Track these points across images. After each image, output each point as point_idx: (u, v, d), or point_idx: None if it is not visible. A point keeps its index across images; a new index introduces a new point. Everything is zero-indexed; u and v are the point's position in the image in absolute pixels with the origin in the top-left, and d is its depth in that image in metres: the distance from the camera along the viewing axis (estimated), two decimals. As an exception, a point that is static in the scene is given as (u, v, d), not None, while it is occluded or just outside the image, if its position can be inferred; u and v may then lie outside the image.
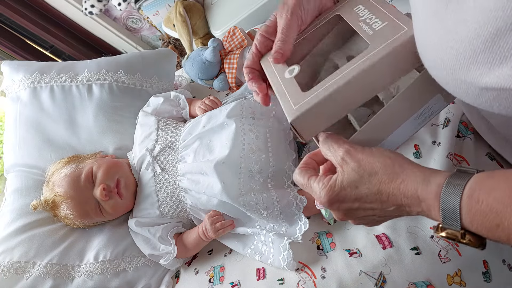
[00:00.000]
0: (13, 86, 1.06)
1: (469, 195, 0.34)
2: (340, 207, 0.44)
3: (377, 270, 0.63)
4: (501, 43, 0.26)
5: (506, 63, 0.27)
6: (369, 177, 0.41)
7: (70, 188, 0.84)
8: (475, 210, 0.33)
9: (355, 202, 0.43)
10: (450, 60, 0.32)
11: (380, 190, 0.40)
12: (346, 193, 0.43)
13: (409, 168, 0.40)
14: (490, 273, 0.61)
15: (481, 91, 0.30)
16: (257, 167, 0.79)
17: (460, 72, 0.31)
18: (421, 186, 0.38)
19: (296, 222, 0.75)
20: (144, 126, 0.95)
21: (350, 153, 0.43)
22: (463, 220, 0.35)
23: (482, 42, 0.27)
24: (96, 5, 1.71)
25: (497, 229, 0.32)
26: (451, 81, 0.33)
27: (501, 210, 0.31)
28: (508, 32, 0.25)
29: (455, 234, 0.36)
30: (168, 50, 1.20)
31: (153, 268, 0.90)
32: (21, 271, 0.84)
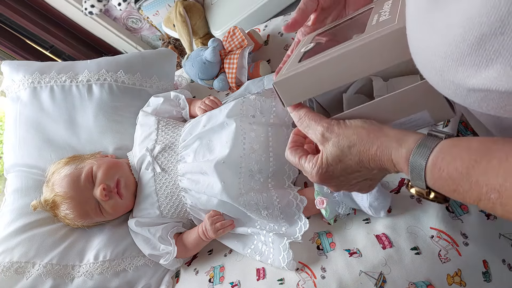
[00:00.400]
0: (13, 86, 1.06)
1: (433, 163, 0.38)
2: (332, 182, 0.49)
3: (377, 270, 0.63)
4: (487, 46, 0.27)
5: (492, 65, 0.28)
6: (349, 149, 0.45)
7: (70, 188, 0.84)
8: (437, 176, 0.38)
9: (343, 173, 0.47)
10: (439, 62, 0.33)
11: (361, 159, 0.45)
12: (333, 168, 0.47)
13: (383, 135, 0.44)
14: (490, 273, 0.61)
15: (468, 92, 0.31)
16: (257, 166, 0.79)
17: (448, 73, 0.32)
18: (394, 152, 0.42)
19: (296, 222, 0.75)
20: (144, 126, 0.95)
21: (328, 129, 0.46)
22: (427, 182, 0.40)
23: (468, 46, 0.28)
24: (96, 5, 1.71)
25: (454, 193, 0.37)
26: (441, 82, 0.35)
27: (457, 178, 0.36)
28: (493, 36, 0.26)
29: (422, 192, 0.42)
30: (168, 50, 1.20)
31: (153, 268, 0.90)
32: (21, 271, 0.84)
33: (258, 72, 1.05)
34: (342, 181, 0.49)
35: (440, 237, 0.63)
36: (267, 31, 1.17)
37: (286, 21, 1.14)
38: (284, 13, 1.21)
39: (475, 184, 0.34)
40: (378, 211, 0.67)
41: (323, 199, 0.71)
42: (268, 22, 1.21)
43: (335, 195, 0.72)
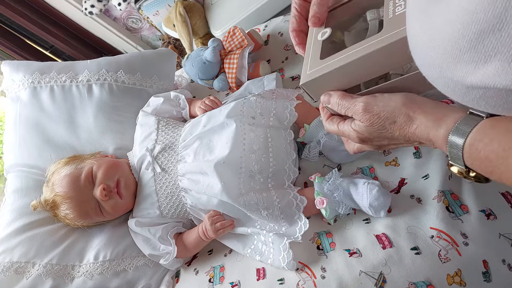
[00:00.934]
0: (13, 86, 1.06)
1: (470, 144, 0.39)
2: (370, 143, 0.53)
3: (377, 270, 0.63)
4: (485, 42, 0.27)
5: (491, 62, 0.28)
6: (390, 125, 0.48)
7: (70, 188, 0.84)
8: (474, 156, 0.39)
9: (384, 140, 0.51)
10: (438, 59, 0.33)
11: (401, 133, 0.47)
12: (373, 136, 0.51)
13: (422, 113, 0.45)
14: (490, 273, 0.61)
15: (467, 90, 0.31)
16: (257, 167, 0.79)
17: (447, 70, 0.32)
18: (432, 131, 0.44)
19: (296, 222, 0.75)
20: (144, 126, 0.95)
21: (369, 104, 0.49)
22: (465, 162, 0.41)
23: (467, 42, 0.28)
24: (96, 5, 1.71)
25: (491, 174, 0.39)
26: (440, 79, 0.35)
27: (494, 160, 0.37)
28: (491, 33, 0.26)
29: (462, 171, 0.43)
30: (168, 50, 1.20)
31: (153, 268, 0.90)
32: (21, 271, 0.84)
33: (258, 72, 1.05)
34: (381, 144, 0.53)
35: (440, 237, 0.63)
36: (267, 31, 1.17)
37: (286, 21, 1.14)
38: (284, 13, 1.21)
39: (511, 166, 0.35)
40: (378, 211, 0.67)
41: (323, 199, 0.71)
42: (268, 22, 1.21)
43: (335, 195, 0.72)
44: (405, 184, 0.71)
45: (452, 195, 0.67)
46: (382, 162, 0.76)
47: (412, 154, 0.73)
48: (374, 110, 0.48)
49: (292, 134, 0.84)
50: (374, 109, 0.48)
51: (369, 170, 0.77)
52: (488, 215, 0.65)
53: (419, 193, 0.69)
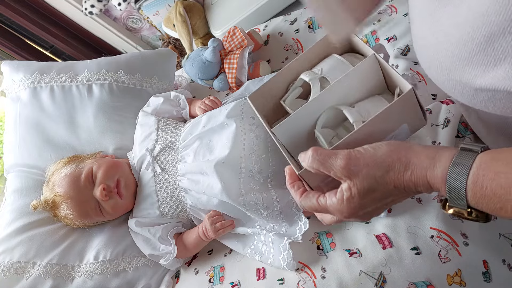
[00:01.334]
0: (13, 86, 1.06)
1: (473, 181, 0.35)
2: (360, 214, 0.44)
3: (377, 270, 0.63)
4: (495, 45, 0.27)
5: (500, 65, 0.27)
6: (382, 178, 0.41)
7: (70, 188, 0.84)
8: (479, 194, 0.35)
9: (376, 203, 0.43)
10: (445, 61, 0.32)
11: (396, 185, 0.41)
12: (366, 201, 0.42)
13: (414, 155, 0.40)
14: (490, 273, 0.61)
15: (476, 92, 0.31)
16: (257, 167, 0.79)
17: (455, 73, 0.32)
18: (429, 172, 0.39)
19: (296, 222, 0.75)
20: (144, 126, 0.95)
21: (352, 160, 0.42)
22: (469, 201, 0.36)
23: (476, 45, 0.28)
24: (96, 5, 1.71)
25: (500, 211, 0.35)
26: (447, 82, 0.34)
27: (504, 195, 0.33)
28: (502, 35, 0.26)
29: (462, 212, 0.38)
30: (168, 50, 1.20)
31: (153, 268, 0.90)
32: (21, 271, 0.84)
33: (258, 72, 1.05)
34: (372, 210, 0.44)
35: (440, 237, 0.63)
36: (267, 31, 1.17)
37: (286, 21, 1.14)
38: (284, 13, 1.21)
39: None
40: (378, 211, 0.67)
41: (323, 199, 0.71)
42: (268, 22, 1.21)
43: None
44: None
45: (452, 195, 0.67)
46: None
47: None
48: (360, 162, 0.42)
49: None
50: (360, 160, 0.42)
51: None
52: (488, 215, 0.65)
53: (419, 193, 0.69)
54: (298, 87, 0.65)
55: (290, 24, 1.11)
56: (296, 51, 1.07)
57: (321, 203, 0.45)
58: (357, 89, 0.57)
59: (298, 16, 1.11)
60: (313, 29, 1.06)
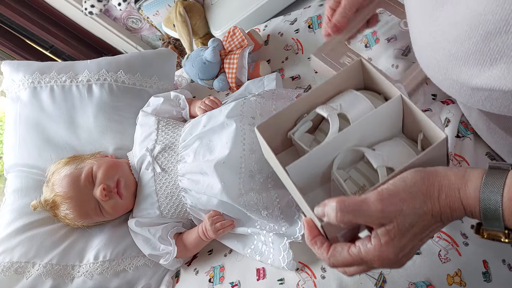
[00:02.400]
0: (13, 86, 1.06)
1: (509, 198, 0.33)
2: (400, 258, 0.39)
3: (377, 270, 0.63)
4: (491, 45, 0.27)
5: (496, 64, 0.27)
6: (420, 209, 0.38)
7: (70, 188, 0.84)
8: None
9: (415, 240, 0.39)
10: (443, 61, 0.32)
11: (433, 215, 0.38)
12: (406, 240, 0.38)
13: (443, 177, 0.38)
14: (490, 273, 0.61)
15: (473, 91, 0.31)
16: (257, 167, 0.79)
17: (452, 72, 0.32)
18: (462, 193, 0.36)
19: (296, 222, 0.75)
20: (144, 126, 0.95)
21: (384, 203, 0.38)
22: (505, 221, 0.34)
23: (473, 44, 0.28)
24: (96, 5, 1.71)
25: None
26: (445, 81, 0.34)
27: None
28: (498, 34, 0.26)
29: (498, 235, 0.36)
30: (168, 50, 1.20)
31: (153, 268, 0.90)
32: (21, 271, 0.84)
33: (258, 72, 1.05)
34: (409, 250, 0.40)
35: (440, 237, 0.63)
36: (267, 31, 1.17)
37: (286, 21, 1.14)
38: (284, 13, 1.21)
39: None
40: (378, 211, 0.67)
41: (323, 199, 0.71)
42: (268, 22, 1.21)
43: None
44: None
45: (452, 195, 0.67)
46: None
47: (412, 154, 0.73)
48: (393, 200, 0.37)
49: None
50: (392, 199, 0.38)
51: (369, 170, 0.77)
52: (488, 215, 0.65)
53: (419, 193, 0.69)
54: (309, 121, 0.59)
55: (290, 24, 1.11)
56: (296, 51, 1.07)
57: (353, 254, 0.40)
58: (376, 130, 0.52)
59: (298, 16, 1.11)
60: (313, 29, 1.06)
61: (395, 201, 0.38)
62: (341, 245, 0.41)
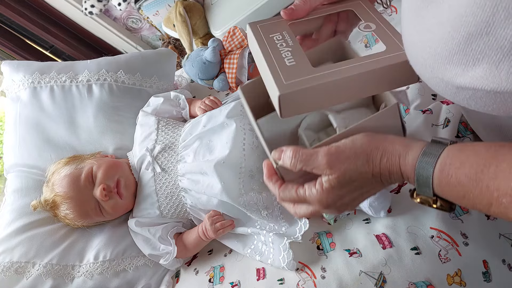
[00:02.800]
0: (13, 86, 1.06)
1: (440, 169, 0.38)
2: (338, 205, 0.46)
3: (377, 270, 0.63)
4: (473, 46, 0.28)
5: (479, 65, 0.28)
6: (362, 167, 0.43)
7: (70, 188, 0.84)
8: (445, 182, 0.37)
9: (353, 193, 0.45)
10: (429, 59, 0.33)
11: (374, 175, 0.43)
12: (344, 191, 0.44)
13: (389, 143, 0.43)
14: (490, 273, 0.61)
15: (457, 90, 0.32)
16: (257, 167, 0.79)
17: (438, 71, 0.33)
18: (402, 160, 0.41)
19: (296, 222, 0.75)
20: (144, 126, 0.95)
21: (333, 156, 0.43)
22: (434, 189, 0.39)
23: (456, 44, 0.29)
24: (96, 5, 1.71)
25: (463, 199, 0.37)
26: (431, 79, 0.35)
27: (467, 184, 0.35)
28: (479, 36, 0.27)
29: (428, 200, 0.41)
30: (168, 50, 1.20)
31: (153, 268, 0.90)
32: (21, 271, 0.84)
33: (258, 72, 1.05)
34: (348, 201, 0.46)
35: (440, 237, 0.63)
36: (267, 31, 1.17)
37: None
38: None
39: (485, 189, 0.34)
40: (378, 211, 0.67)
41: (323, 199, 0.71)
42: (268, 22, 1.21)
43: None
44: (405, 184, 0.71)
45: (452, 195, 0.67)
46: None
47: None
48: (341, 156, 0.43)
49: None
50: (340, 155, 0.43)
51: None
52: (488, 215, 0.65)
53: (419, 193, 0.69)
54: None
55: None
56: (296, 51, 1.07)
57: (299, 194, 0.46)
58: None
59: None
60: (313, 29, 1.06)
61: (340, 157, 0.43)
62: (292, 184, 0.48)
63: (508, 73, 0.26)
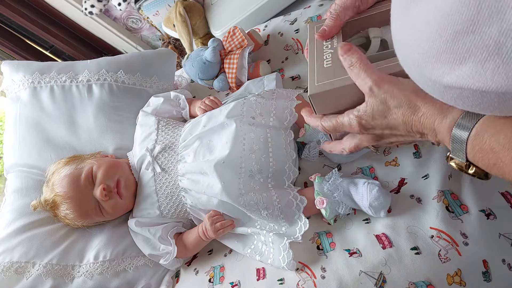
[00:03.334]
0: (13, 86, 1.06)
1: (475, 134, 0.38)
2: (371, 132, 0.52)
3: (377, 270, 0.63)
4: (460, 44, 0.28)
5: (465, 63, 0.29)
6: (395, 108, 0.46)
7: (70, 188, 0.84)
8: (478, 147, 0.38)
9: (386, 129, 0.50)
10: (417, 58, 0.34)
11: (404, 121, 0.46)
12: (376, 122, 0.49)
13: (430, 102, 0.44)
14: (490, 272, 0.61)
15: (445, 89, 0.32)
16: (257, 167, 0.79)
17: (426, 70, 0.33)
18: (438, 120, 0.43)
19: (296, 222, 0.75)
20: (144, 126, 0.95)
21: (378, 84, 0.47)
22: (467, 154, 0.40)
23: (443, 42, 0.29)
24: (96, 5, 1.71)
25: (494, 167, 0.38)
26: (420, 78, 0.36)
27: (499, 151, 0.36)
28: (465, 34, 0.27)
29: (462, 165, 0.42)
30: (168, 50, 1.20)
31: (153, 268, 0.90)
32: (21, 271, 0.84)
33: (258, 72, 1.05)
34: (382, 134, 0.51)
35: (440, 237, 0.63)
36: (267, 31, 1.17)
37: (286, 21, 1.14)
38: (284, 13, 1.21)
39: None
40: (378, 211, 0.67)
41: (323, 199, 0.71)
42: (268, 22, 1.21)
43: (335, 195, 0.72)
44: (405, 184, 0.71)
45: (452, 195, 0.67)
46: (382, 162, 0.76)
47: (412, 154, 0.73)
48: (383, 87, 0.46)
49: (292, 134, 0.84)
50: (384, 86, 0.46)
51: (369, 170, 0.77)
52: (488, 215, 0.65)
53: (419, 193, 0.69)
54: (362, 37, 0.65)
55: (290, 24, 1.11)
56: (296, 51, 1.07)
57: (339, 120, 0.53)
58: None
59: (298, 16, 1.11)
60: (313, 29, 1.06)
61: (380, 88, 0.47)
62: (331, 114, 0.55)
63: (494, 72, 0.27)
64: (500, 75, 0.26)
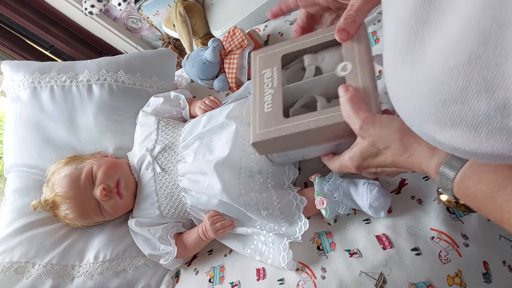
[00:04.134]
0: (13, 86, 1.06)
1: (460, 180, 0.40)
2: (367, 171, 0.55)
3: (377, 270, 0.63)
4: (450, 110, 0.28)
5: (457, 127, 0.29)
6: (384, 149, 0.49)
7: (70, 188, 0.84)
8: (462, 192, 0.40)
9: (377, 168, 0.53)
10: (410, 114, 0.34)
11: (393, 160, 0.48)
12: (368, 162, 0.52)
13: (416, 142, 0.45)
14: (490, 274, 0.61)
15: (440, 144, 0.33)
16: (257, 167, 0.79)
17: (418, 125, 0.34)
18: (425, 162, 0.44)
19: (296, 222, 0.75)
20: (144, 126, 0.95)
21: (365, 125, 0.49)
22: (454, 194, 0.41)
23: (434, 105, 0.30)
24: (96, 5, 1.71)
25: (479, 211, 0.40)
26: (414, 127, 0.38)
27: (483, 199, 0.37)
28: (454, 103, 0.27)
29: (451, 201, 0.44)
30: (168, 50, 1.20)
31: (153, 268, 0.90)
32: (21, 271, 0.84)
33: (258, 72, 1.05)
34: (375, 171, 0.54)
35: (441, 238, 0.63)
36: (267, 31, 1.17)
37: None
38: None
39: (498, 208, 0.35)
40: (378, 212, 0.67)
41: (323, 199, 0.71)
42: (268, 22, 1.21)
43: (335, 195, 0.72)
44: (406, 184, 0.71)
45: (453, 196, 0.67)
46: (382, 163, 0.76)
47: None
48: (369, 130, 0.49)
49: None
50: (369, 129, 0.49)
51: (369, 171, 0.77)
52: (488, 216, 0.65)
53: (420, 194, 0.69)
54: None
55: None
56: (296, 51, 1.07)
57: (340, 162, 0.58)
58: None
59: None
60: (313, 29, 1.06)
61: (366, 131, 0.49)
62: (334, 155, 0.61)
63: (488, 136, 0.26)
64: (495, 139, 0.26)
